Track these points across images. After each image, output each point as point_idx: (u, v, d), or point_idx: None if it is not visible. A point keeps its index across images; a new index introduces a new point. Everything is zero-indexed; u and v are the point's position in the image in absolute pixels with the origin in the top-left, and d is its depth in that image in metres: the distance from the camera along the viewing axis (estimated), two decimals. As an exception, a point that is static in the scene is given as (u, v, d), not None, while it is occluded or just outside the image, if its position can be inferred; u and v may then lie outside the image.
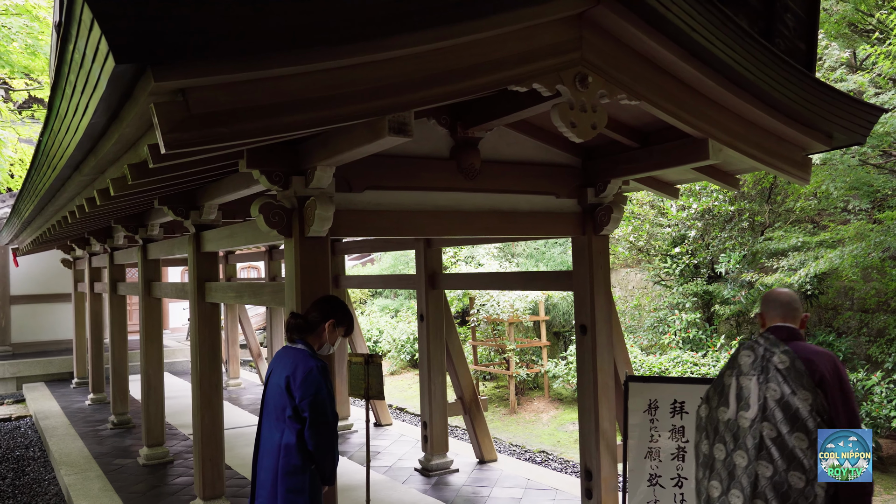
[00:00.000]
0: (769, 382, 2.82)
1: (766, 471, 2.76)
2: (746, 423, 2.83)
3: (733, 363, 2.99)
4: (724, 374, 3.02)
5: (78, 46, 2.44)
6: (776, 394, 2.80)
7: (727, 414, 2.92)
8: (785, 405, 2.77)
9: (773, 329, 2.99)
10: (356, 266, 20.98)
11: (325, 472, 3.42)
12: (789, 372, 2.80)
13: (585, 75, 3.23)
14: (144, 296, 7.27)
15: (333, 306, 3.60)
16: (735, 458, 2.85)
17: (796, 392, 2.76)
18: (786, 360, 2.83)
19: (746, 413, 2.84)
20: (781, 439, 2.75)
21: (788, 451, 2.74)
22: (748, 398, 2.85)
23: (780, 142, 4.08)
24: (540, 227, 4.77)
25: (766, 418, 2.79)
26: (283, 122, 2.57)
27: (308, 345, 3.50)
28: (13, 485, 7.53)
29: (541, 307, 11.22)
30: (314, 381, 3.32)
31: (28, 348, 15.24)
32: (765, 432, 2.79)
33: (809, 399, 2.75)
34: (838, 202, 8.97)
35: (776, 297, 3.08)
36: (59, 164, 4.03)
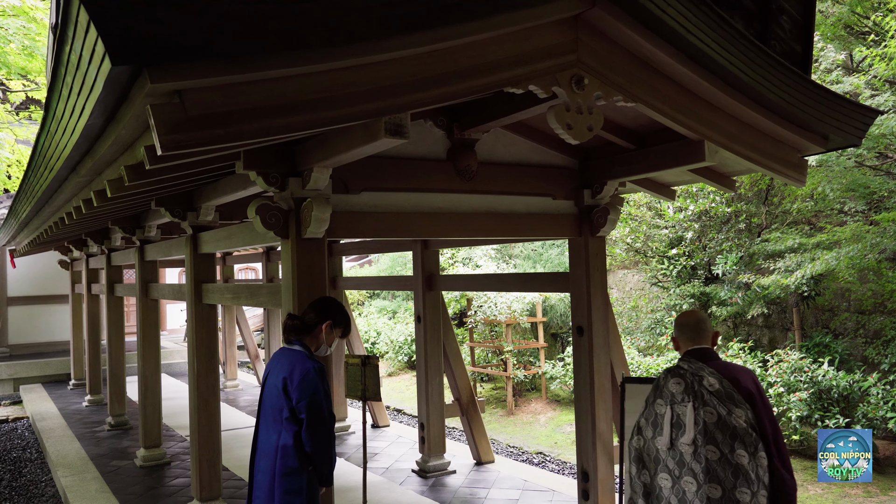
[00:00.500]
0: (705, 406, 2.90)
1: (715, 492, 2.84)
2: (689, 449, 2.90)
3: (661, 392, 3.05)
4: (654, 403, 3.07)
5: (74, 48, 2.45)
6: (713, 416, 2.88)
7: (664, 442, 2.97)
8: (723, 426, 2.86)
9: (691, 353, 3.10)
10: (354, 267, 20.98)
11: (323, 474, 3.42)
12: (720, 393, 2.90)
13: (581, 77, 3.24)
14: (142, 297, 7.26)
15: (330, 308, 3.61)
16: (683, 484, 2.91)
17: (731, 412, 2.86)
18: (715, 383, 2.93)
19: (684, 438, 2.91)
20: (725, 459, 2.84)
21: (733, 469, 2.83)
22: (685, 424, 2.92)
23: (776, 143, 4.09)
24: (537, 229, 4.78)
25: (709, 441, 2.86)
26: (279, 123, 2.57)
27: (305, 346, 3.51)
28: (10, 486, 7.52)
29: (538, 308, 11.23)
30: (311, 383, 3.32)
31: (25, 350, 15.22)
32: (709, 455, 2.86)
33: (743, 416, 2.86)
34: (835, 204, 8.99)
35: (685, 321, 3.19)
36: (56, 165, 4.03)
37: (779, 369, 7.95)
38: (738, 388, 2.92)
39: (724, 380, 2.94)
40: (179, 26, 2.24)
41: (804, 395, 7.43)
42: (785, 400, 7.54)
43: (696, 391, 2.95)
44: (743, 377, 2.97)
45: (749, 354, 8.76)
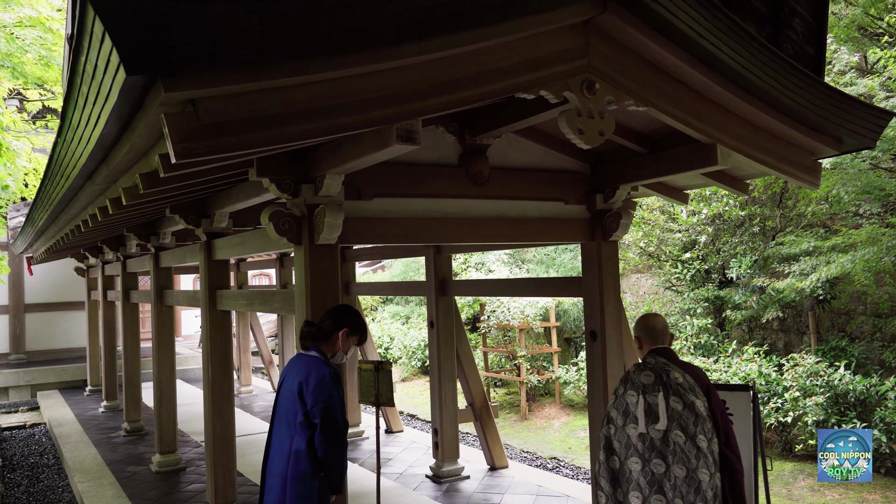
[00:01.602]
0: (674, 395, 3.25)
1: (681, 472, 3.17)
2: (659, 435, 3.23)
3: (633, 384, 3.35)
4: (625, 394, 3.37)
5: (90, 58, 2.47)
6: (680, 405, 3.24)
7: (638, 429, 3.27)
8: (688, 413, 3.22)
9: (654, 351, 3.48)
10: (367, 273, 21.02)
11: (334, 480, 3.42)
12: (684, 385, 3.28)
13: (592, 82, 3.24)
14: (157, 303, 7.32)
15: (347, 315, 3.64)
16: (652, 466, 3.22)
17: (694, 401, 3.24)
18: (679, 377, 3.31)
19: (657, 425, 3.23)
20: (690, 441, 3.19)
21: (696, 451, 3.17)
22: (657, 412, 3.24)
23: (790, 146, 4.07)
24: (549, 234, 4.77)
25: (677, 425, 3.21)
26: (291, 131, 2.59)
27: (321, 352, 3.53)
28: (27, 492, 7.59)
29: (551, 313, 11.21)
30: (326, 388, 3.34)
31: (42, 356, 15.36)
32: (676, 440, 3.20)
33: (702, 405, 3.24)
34: (850, 206, 8.92)
35: (652, 325, 3.55)
36: (72, 173, 4.08)
37: (794, 373, 7.89)
38: (697, 383, 3.33)
39: (687, 375, 3.34)
40: (193, 36, 2.27)
41: (820, 400, 7.36)
42: (801, 404, 7.48)
43: (666, 382, 3.29)
44: (699, 373, 3.40)
45: (764, 358, 8.70)
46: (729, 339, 10.00)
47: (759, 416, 4.49)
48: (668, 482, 3.17)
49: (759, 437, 4.43)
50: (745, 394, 4.45)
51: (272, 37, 2.39)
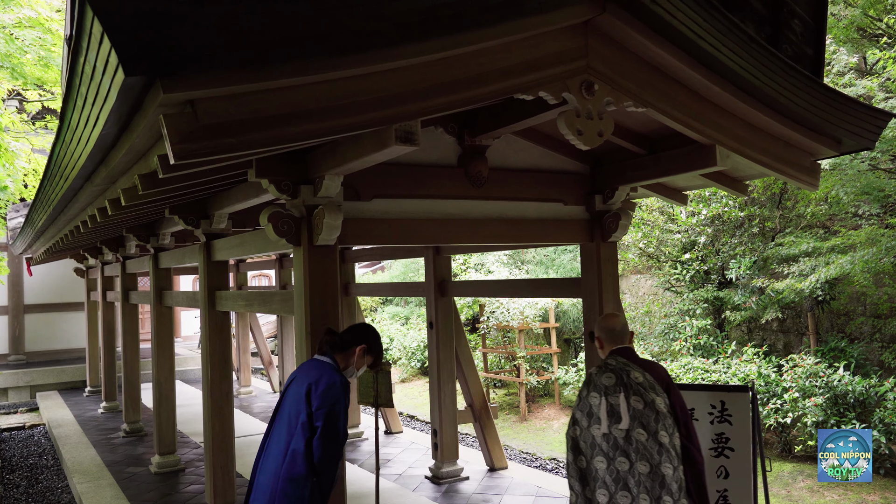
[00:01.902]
0: (634, 395, 3.38)
1: (644, 468, 3.28)
2: (622, 434, 3.34)
3: (595, 386, 3.46)
4: (588, 396, 3.48)
5: (88, 59, 2.47)
6: (640, 403, 3.36)
7: (601, 430, 3.38)
8: (649, 411, 3.34)
9: (616, 351, 3.58)
10: (366, 274, 21.03)
11: (325, 488, 3.39)
12: (644, 384, 3.41)
13: (591, 83, 3.24)
14: (156, 304, 7.32)
15: (368, 334, 3.69)
16: (617, 465, 3.34)
17: (654, 399, 3.37)
18: (639, 376, 3.43)
19: (620, 425, 3.35)
20: (652, 438, 3.31)
21: (658, 447, 3.30)
22: (619, 412, 3.36)
23: (789, 147, 4.08)
24: (548, 235, 4.78)
25: (639, 424, 3.33)
26: (290, 132, 2.59)
27: (335, 361, 3.54)
28: (26, 493, 7.58)
29: (551, 314, 11.21)
30: (335, 394, 3.35)
31: (41, 357, 15.35)
32: (639, 437, 3.32)
33: (662, 402, 3.38)
34: (849, 207, 8.93)
35: (612, 326, 3.66)
36: (71, 174, 4.08)
37: (794, 374, 7.89)
38: (658, 380, 3.46)
39: (647, 373, 3.46)
40: (191, 37, 2.26)
41: (819, 401, 7.37)
42: (800, 405, 7.48)
43: (626, 383, 3.41)
44: (659, 371, 3.53)
45: (764, 359, 8.70)
46: (728, 339, 10.01)
47: (759, 416, 4.49)
48: (632, 479, 3.29)
49: (759, 437, 4.43)
50: (745, 395, 4.45)
51: (271, 37, 2.39)
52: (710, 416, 4.51)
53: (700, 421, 4.52)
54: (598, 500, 3.35)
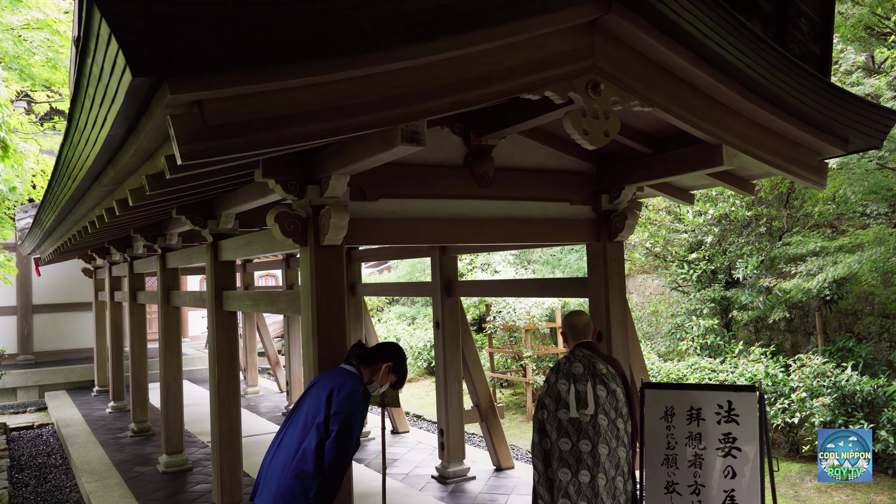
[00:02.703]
0: (600, 384, 3.71)
1: (604, 450, 3.63)
2: (587, 419, 3.66)
3: (565, 374, 3.76)
4: (557, 383, 3.76)
5: (96, 60, 2.49)
6: (604, 392, 3.70)
7: (569, 414, 3.69)
8: (611, 399, 3.70)
9: (581, 345, 3.93)
10: (373, 274, 21.04)
11: (329, 493, 3.41)
12: (608, 375, 3.76)
13: (597, 82, 3.24)
14: (163, 304, 7.34)
15: (396, 354, 3.76)
16: (580, 446, 3.66)
17: (616, 389, 3.74)
18: (603, 368, 3.77)
19: (586, 410, 3.67)
20: (612, 424, 3.67)
21: (617, 432, 3.69)
22: (585, 399, 3.68)
23: (796, 146, 4.07)
24: (554, 234, 4.77)
25: (601, 412, 3.66)
26: (296, 132, 2.60)
27: (360, 373, 3.58)
28: (35, 492, 7.62)
29: (557, 314, 11.20)
30: (355, 402, 3.39)
31: (50, 357, 15.42)
32: (601, 422, 3.65)
33: (621, 392, 3.76)
34: (857, 206, 8.89)
35: (576, 323, 4.01)
36: (79, 175, 4.10)
37: (801, 374, 7.87)
38: (618, 373, 3.84)
39: (609, 365, 3.84)
40: (198, 38, 2.27)
41: (827, 401, 7.34)
42: (808, 405, 7.45)
43: (593, 372, 3.74)
44: (617, 364, 3.92)
45: (771, 359, 8.67)
46: (735, 339, 9.98)
47: (766, 416, 4.48)
48: (592, 459, 3.62)
49: (766, 437, 4.41)
50: (752, 394, 4.44)
51: (277, 38, 2.40)
52: (717, 415, 4.49)
53: (707, 420, 4.51)
54: (560, 477, 3.66)
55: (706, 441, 4.50)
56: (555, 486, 3.68)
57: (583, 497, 3.63)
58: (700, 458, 4.51)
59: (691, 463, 4.52)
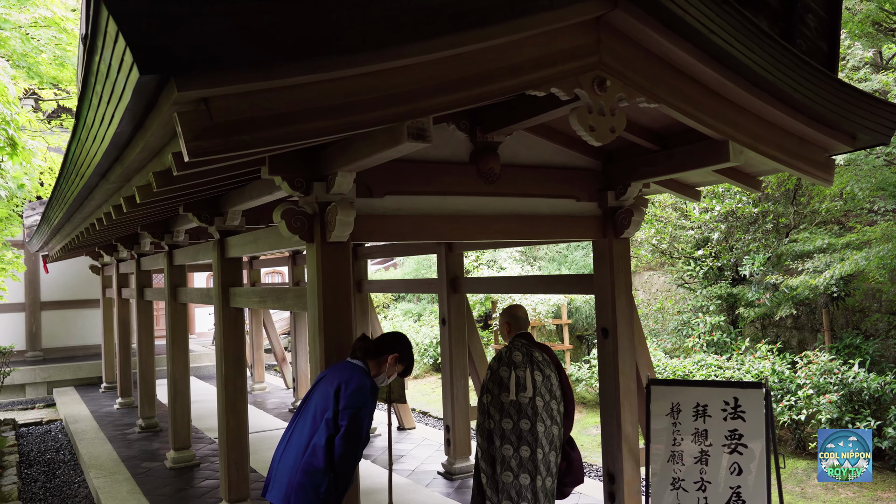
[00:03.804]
0: (537, 370, 4.18)
1: (541, 428, 4.11)
2: (526, 401, 4.12)
3: (506, 362, 4.22)
4: (499, 370, 4.23)
5: (104, 58, 2.50)
6: (540, 377, 4.17)
7: (509, 397, 4.14)
8: (546, 384, 4.18)
9: (520, 336, 4.38)
10: (379, 270, 21.07)
11: (340, 486, 3.43)
12: (544, 362, 4.23)
13: (604, 79, 3.24)
14: (171, 301, 7.37)
15: (401, 343, 3.77)
16: (521, 425, 4.11)
17: (551, 375, 4.21)
18: (539, 356, 4.23)
19: (525, 393, 4.12)
20: (547, 405, 4.16)
21: (551, 412, 4.17)
22: (525, 383, 4.14)
23: (803, 143, 4.05)
24: (560, 231, 4.77)
25: (538, 394, 4.13)
26: (302, 129, 2.60)
27: (367, 366, 3.59)
28: (44, 487, 7.67)
29: (563, 311, 11.20)
30: (363, 397, 3.40)
31: (58, 353, 15.50)
32: (539, 404, 4.12)
33: (555, 378, 4.24)
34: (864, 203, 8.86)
35: (517, 315, 4.47)
36: (87, 172, 4.12)
37: (808, 371, 7.85)
38: (553, 361, 4.31)
39: (545, 354, 4.28)
40: (205, 35, 2.28)
41: (834, 398, 7.32)
42: (814, 402, 7.44)
43: (531, 360, 4.20)
44: (551, 353, 4.36)
45: (778, 356, 8.65)
46: (742, 336, 9.96)
47: (772, 413, 4.48)
48: (531, 436, 4.09)
49: (772, 434, 4.41)
50: (758, 391, 4.44)
51: (284, 35, 2.40)
52: (724, 412, 4.50)
53: (713, 417, 4.51)
54: (503, 453, 4.13)
55: (712, 438, 4.51)
56: (497, 461, 4.16)
57: (524, 469, 4.12)
58: (706, 455, 4.51)
59: (697, 459, 4.53)
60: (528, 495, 4.09)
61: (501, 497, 4.15)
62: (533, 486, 4.09)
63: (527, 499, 4.10)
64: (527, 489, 4.09)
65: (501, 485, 4.14)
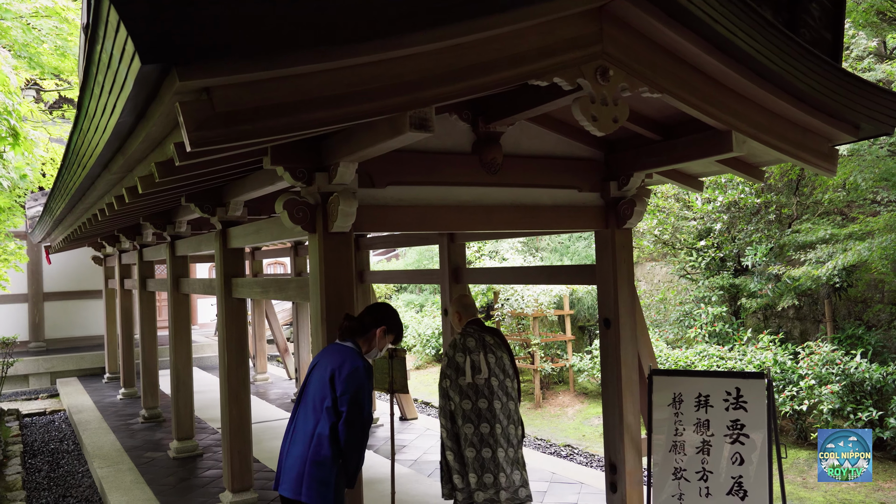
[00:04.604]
0: (490, 353, 4.50)
1: (498, 405, 4.45)
2: (482, 382, 4.44)
3: (460, 348, 4.49)
4: (455, 356, 4.49)
5: (105, 47, 2.50)
6: (493, 359, 4.50)
7: (466, 380, 4.44)
8: (500, 364, 4.52)
9: (471, 322, 4.66)
10: (381, 261, 21.07)
11: (350, 470, 3.46)
12: (496, 345, 4.57)
13: (606, 69, 3.23)
14: (173, 292, 7.38)
15: (386, 314, 3.74)
16: (479, 404, 4.44)
17: (502, 356, 4.56)
18: (491, 340, 4.57)
19: (480, 375, 4.44)
20: (502, 384, 4.50)
21: (506, 389, 4.51)
22: (479, 366, 4.45)
23: (806, 133, 4.04)
24: (563, 222, 4.77)
25: (493, 375, 4.47)
26: (304, 119, 2.60)
27: (357, 345, 3.59)
28: (48, 477, 7.71)
29: (565, 301, 11.21)
30: (358, 379, 3.40)
31: (61, 344, 15.54)
32: (494, 383, 4.46)
33: (507, 358, 4.60)
34: (867, 194, 8.83)
35: (467, 303, 4.78)
36: (89, 162, 4.12)
37: (810, 361, 7.85)
38: (501, 342, 4.65)
39: (496, 337, 4.64)
40: (207, 25, 2.28)
41: (836, 388, 7.33)
42: (816, 392, 7.44)
43: (484, 344, 4.52)
44: (501, 336, 4.72)
45: (780, 347, 8.66)
46: (744, 327, 9.96)
47: (774, 403, 4.48)
48: (489, 413, 4.43)
49: (774, 424, 4.42)
50: (760, 381, 4.45)
51: (286, 25, 2.40)
52: (725, 402, 4.50)
53: (715, 407, 4.52)
54: (465, 431, 4.45)
55: (714, 428, 4.51)
56: (461, 439, 4.47)
57: (485, 444, 4.45)
58: (708, 445, 4.52)
59: (699, 449, 4.54)
60: (492, 467, 4.46)
61: (468, 471, 4.49)
62: (495, 458, 4.46)
63: (490, 470, 4.46)
64: (489, 461, 4.46)
65: (467, 460, 4.48)
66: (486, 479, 4.47)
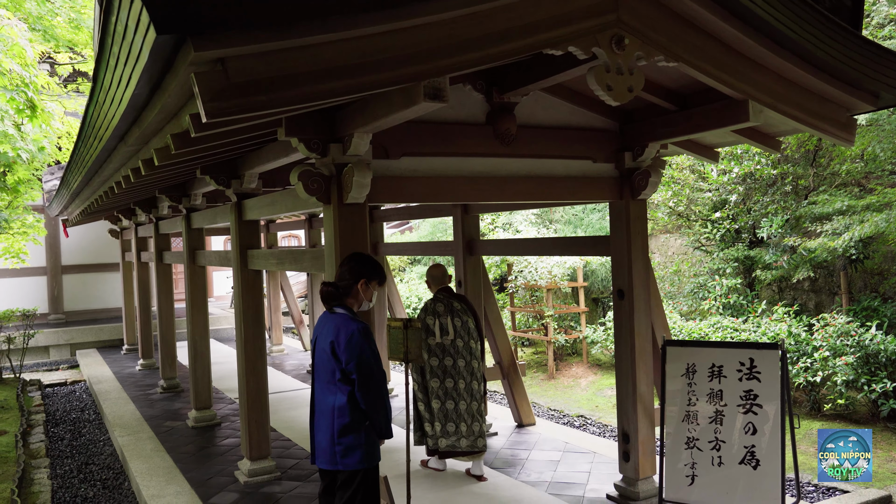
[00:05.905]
0: (456, 317, 5.34)
1: (462, 363, 5.32)
2: (449, 342, 5.29)
3: (430, 312, 5.33)
4: (425, 318, 5.32)
5: (120, 18, 2.50)
6: (459, 322, 5.34)
7: (435, 341, 5.29)
8: (465, 327, 5.35)
9: (441, 290, 5.49)
10: (395, 234, 21.12)
11: (380, 428, 3.54)
12: (462, 310, 5.39)
13: (622, 37, 3.20)
14: (189, 264, 7.45)
15: (361, 263, 3.65)
16: (445, 362, 5.32)
17: (468, 321, 5.37)
18: (458, 305, 5.39)
19: (448, 336, 5.28)
20: (466, 345, 5.33)
21: (470, 350, 5.35)
22: (446, 328, 5.28)
23: (824, 102, 4.00)
24: (577, 193, 4.76)
25: (459, 336, 5.31)
26: (319, 89, 2.60)
27: (348, 308, 3.61)
28: (70, 445, 7.87)
29: (579, 273, 11.21)
30: (357, 344, 3.44)
31: (80, 316, 15.76)
32: (459, 344, 5.31)
33: (472, 322, 5.40)
34: (886, 164, 8.72)
35: (438, 274, 5.55)
36: (105, 135, 4.14)
37: (825, 333, 7.83)
38: (469, 308, 5.48)
39: (463, 303, 5.46)
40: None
41: (850, 360, 7.31)
42: (830, 364, 7.43)
43: (451, 309, 5.35)
44: (468, 302, 5.56)
45: (794, 318, 8.64)
46: (759, 299, 9.93)
47: (788, 374, 4.49)
48: (454, 371, 5.30)
49: (787, 395, 4.43)
50: (774, 352, 4.45)
51: (299, -6, 2.39)
52: (739, 372, 4.51)
53: (728, 378, 4.53)
54: (432, 385, 5.27)
55: (727, 398, 4.53)
56: (430, 392, 5.32)
57: (450, 397, 5.32)
58: (721, 415, 4.55)
59: (712, 419, 4.57)
60: (454, 417, 5.32)
61: (434, 420, 5.35)
62: (457, 409, 5.33)
63: (453, 419, 5.32)
64: (453, 412, 5.33)
65: (435, 411, 5.34)
66: (449, 428, 5.32)
